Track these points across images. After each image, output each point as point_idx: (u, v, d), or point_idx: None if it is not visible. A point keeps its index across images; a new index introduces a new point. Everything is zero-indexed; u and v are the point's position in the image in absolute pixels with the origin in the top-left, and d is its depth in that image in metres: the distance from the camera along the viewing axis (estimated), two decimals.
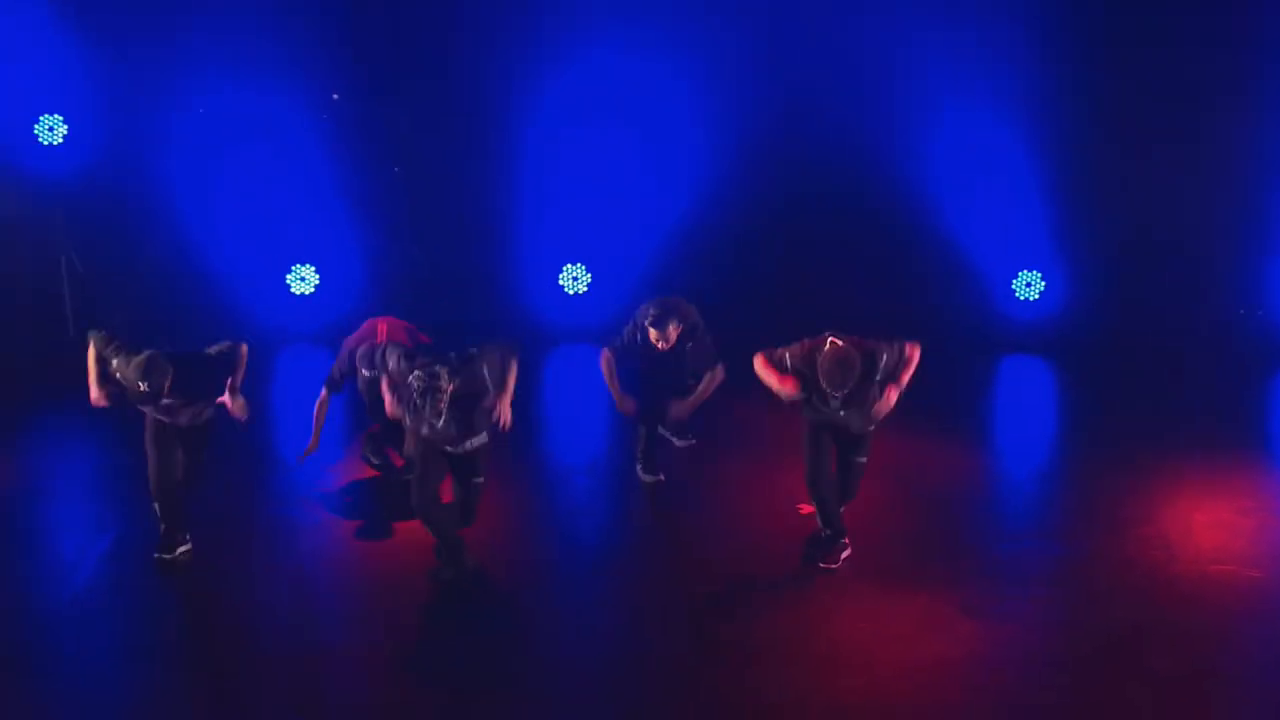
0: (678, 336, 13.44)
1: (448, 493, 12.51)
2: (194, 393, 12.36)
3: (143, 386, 11.81)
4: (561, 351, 18.75)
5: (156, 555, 12.56)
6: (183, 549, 12.66)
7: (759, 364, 12.27)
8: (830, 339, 11.97)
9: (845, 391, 11.75)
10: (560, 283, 19.64)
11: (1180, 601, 12.04)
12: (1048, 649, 11.58)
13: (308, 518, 13.73)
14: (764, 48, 18.44)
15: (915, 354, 12.35)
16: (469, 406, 11.91)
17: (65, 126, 18.89)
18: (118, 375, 12.07)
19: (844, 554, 12.56)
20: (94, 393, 12.28)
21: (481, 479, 12.50)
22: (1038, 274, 19.30)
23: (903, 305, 18.82)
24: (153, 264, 18.98)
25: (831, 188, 18.96)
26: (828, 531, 12.63)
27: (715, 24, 18.49)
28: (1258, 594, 12.18)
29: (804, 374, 11.97)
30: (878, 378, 12.04)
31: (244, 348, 12.75)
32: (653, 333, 13.37)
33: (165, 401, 12.12)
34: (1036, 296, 19.34)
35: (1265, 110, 18.33)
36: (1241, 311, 19.06)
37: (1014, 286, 19.37)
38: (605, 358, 13.72)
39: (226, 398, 12.44)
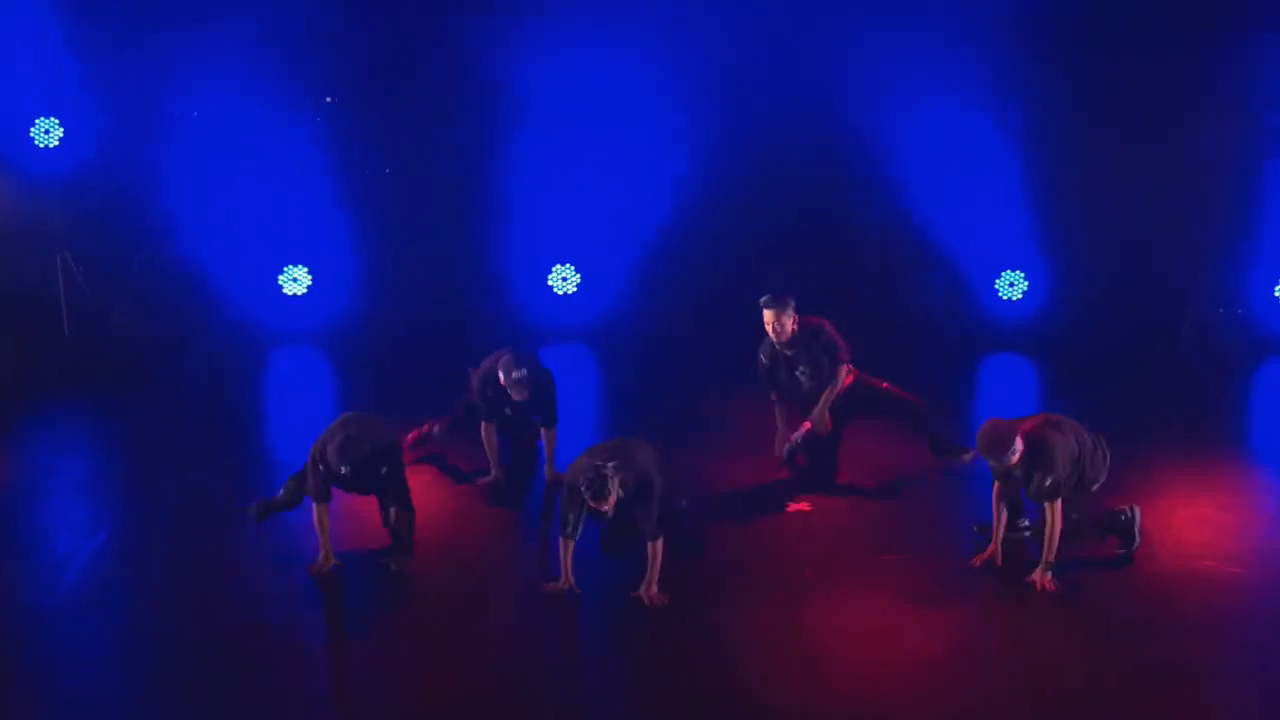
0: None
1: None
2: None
3: (344, 471, 12.05)
4: (550, 351, 18.27)
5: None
6: None
7: None
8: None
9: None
10: (550, 283, 19.66)
11: (1162, 598, 11.99)
12: (1029, 644, 11.58)
13: (301, 518, 13.63)
14: (749, 49, 18.54)
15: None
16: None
17: (61, 129, 19.00)
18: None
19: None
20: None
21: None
22: (1020, 274, 19.31)
23: (888, 305, 18.93)
24: (147, 265, 19.09)
25: (817, 188, 19.04)
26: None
27: (702, 25, 18.57)
28: (1239, 590, 12.14)
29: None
30: None
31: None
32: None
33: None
34: (1019, 296, 19.35)
35: (1246, 110, 18.46)
36: (1221, 310, 19.03)
37: (997, 286, 19.38)
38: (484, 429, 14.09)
39: None
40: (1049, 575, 11.96)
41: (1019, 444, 11.89)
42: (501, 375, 13.49)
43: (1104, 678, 10.88)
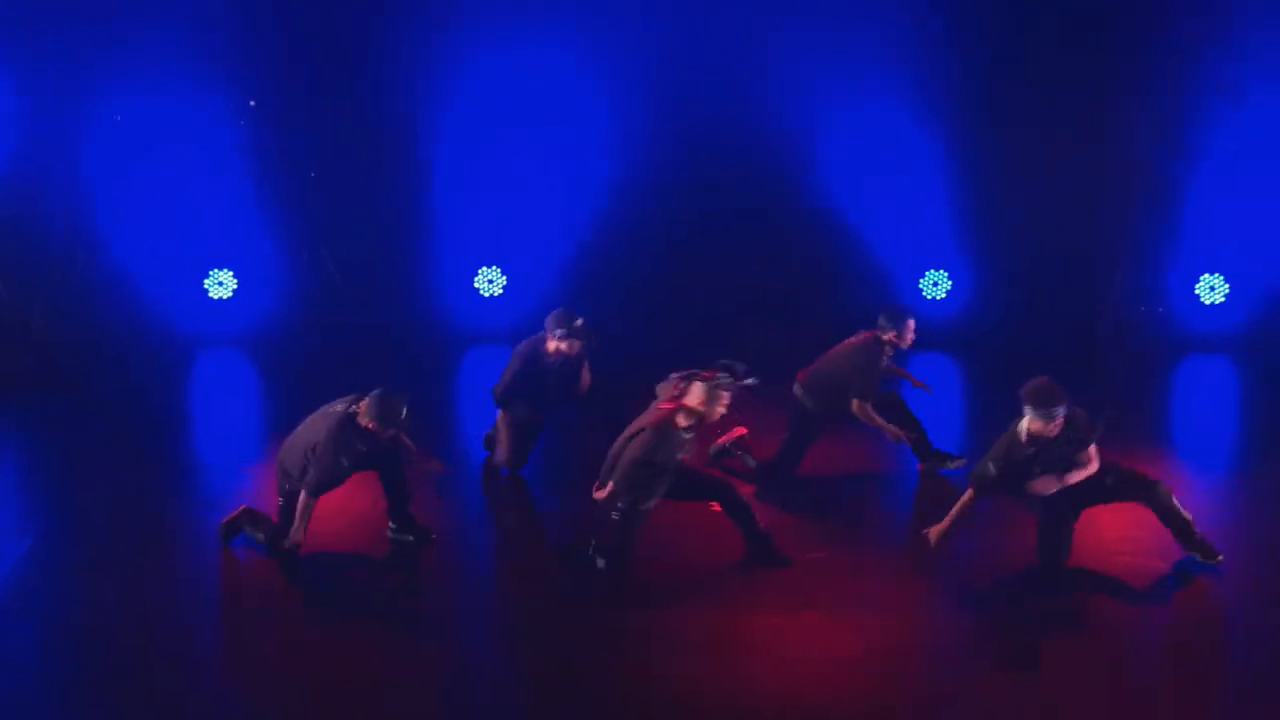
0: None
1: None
2: None
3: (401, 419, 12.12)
4: (476, 353, 18.75)
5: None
6: None
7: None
8: None
9: None
10: (476, 285, 19.70)
11: (1085, 590, 12.05)
12: (954, 639, 11.52)
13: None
14: (675, 52, 18.76)
15: None
16: None
17: None
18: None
19: None
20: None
21: None
22: (944, 273, 19.48)
23: (813, 305, 18.98)
24: (71, 269, 18.94)
25: (741, 189, 19.13)
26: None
27: (628, 28, 18.88)
28: (1159, 583, 12.19)
29: None
30: None
31: None
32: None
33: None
34: (943, 295, 19.52)
35: (1166, 112, 18.77)
36: (1142, 308, 19.21)
37: (921, 286, 19.51)
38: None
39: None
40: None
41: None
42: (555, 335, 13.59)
43: (1028, 670, 10.98)
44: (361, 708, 10.41)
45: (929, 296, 19.54)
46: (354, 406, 12.14)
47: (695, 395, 11.66)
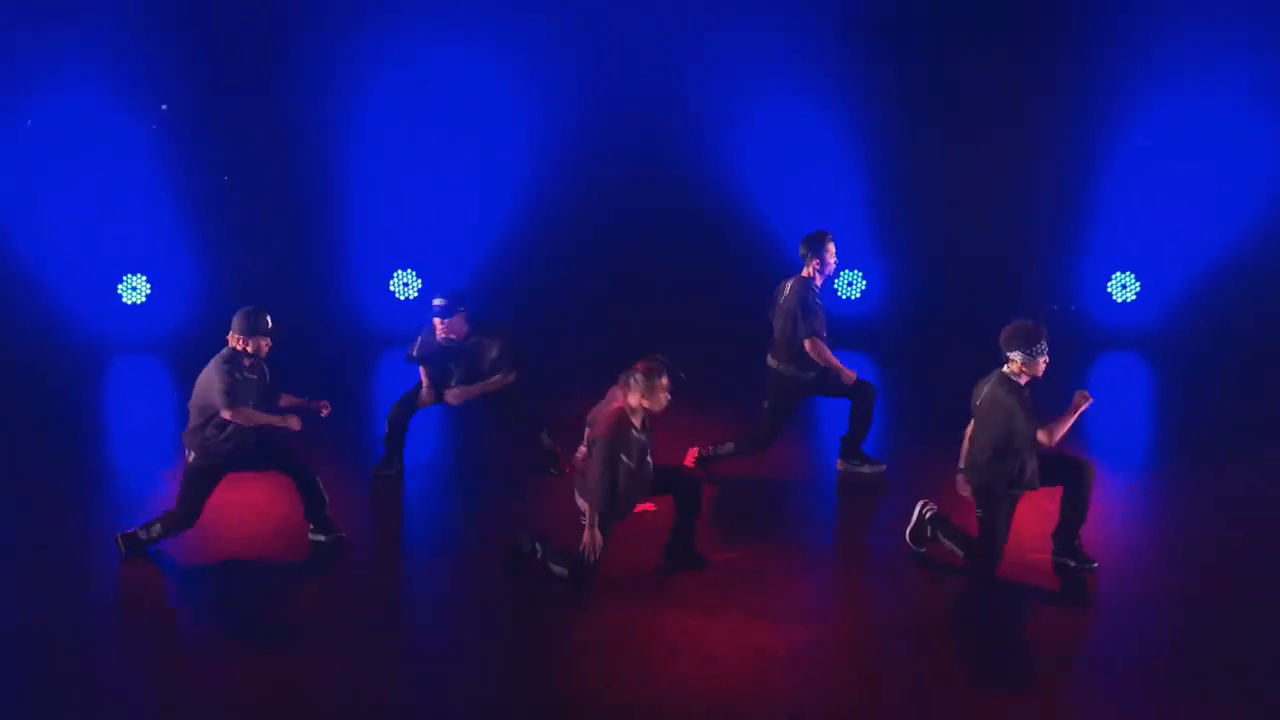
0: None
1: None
2: None
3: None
4: (392, 355, 18.39)
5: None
6: None
7: None
8: None
9: None
10: (391, 288, 19.74)
11: (1001, 587, 12.15)
12: (874, 637, 11.68)
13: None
14: (588, 56, 19.15)
15: None
16: None
17: None
18: None
19: None
20: None
21: None
22: (859, 273, 19.66)
23: (729, 306, 18.96)
24: None
25: (658, 190, 19.24)
26: None
27: (545, 31, 19.15)
28: (1075, 580, 12.32)
29: None
30: None
31: None
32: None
33: None
34: (858, 295, 19.72)
35: (1077, 115, 19.17)
36: (1055, 307, 19.35)
37: (836, 286, 19.60)
38: None
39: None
40: None
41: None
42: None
43: (947, 665, 11.06)
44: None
45: (844, 296, 19.68)
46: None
47: (634, 392, 11.61)
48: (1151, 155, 19.09)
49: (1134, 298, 19.54)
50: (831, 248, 13.91)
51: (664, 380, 11.60)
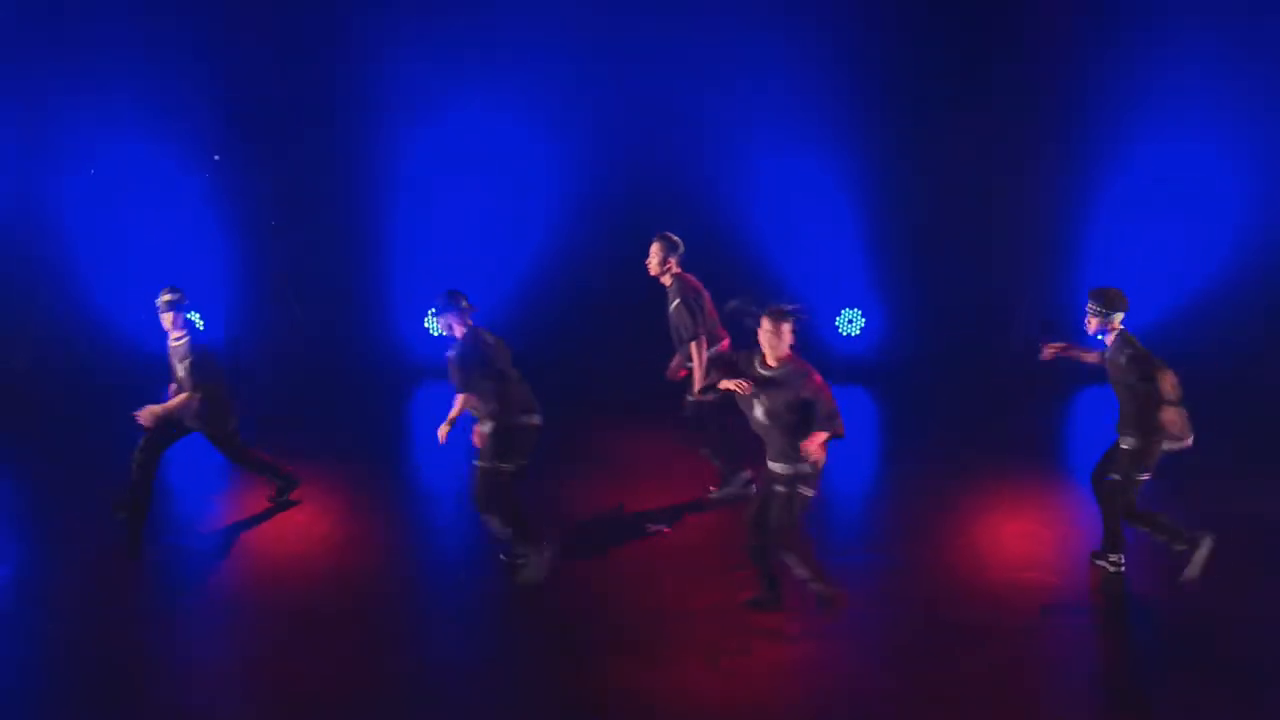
0: None
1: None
2: None
3: None
4: (428, 386, 18.65)
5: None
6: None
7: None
8: None
9: None
10: (426, 324, 19.60)
11: (992, 605, 12.00)
12: (872, 651, 11.51)
13: (198, 546, 13.55)
14: (618, 108, 18.84)
15: None
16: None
17: None
18: None
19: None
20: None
21: None
22: (858, 311, 19.51)
23: (739, 343, 18.74)
24: (49, 307, 18.98)
25: (674, 233, 19.04)
26: None
27: (563, 91, 18.96)
28: (1057, 598, 12.19)
29: None
30: None
31: None
32: None
33: None
34: (858, 331, 19.51)
35: (1057, 162, 18.86)
36: (1039, 341, 19.08)
37: (837, 323, 19.50)
38: None
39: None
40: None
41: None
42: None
43: (934, 677, 10.94)
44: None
45: (845, 333, 19.52)
46: None
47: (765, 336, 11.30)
48: (1125, 205, 18.79)
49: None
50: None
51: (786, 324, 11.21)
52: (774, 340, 11.18)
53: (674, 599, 12.13)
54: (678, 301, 14.07)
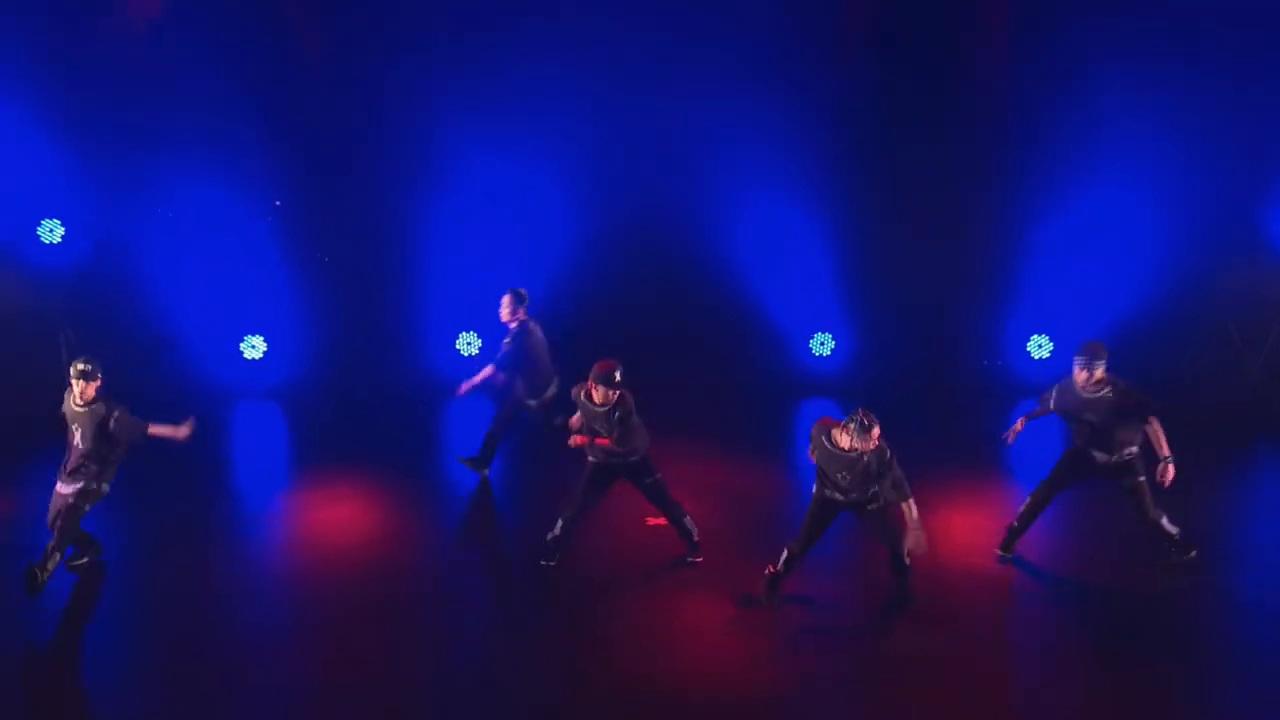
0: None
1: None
2: None
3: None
4: (457, 401, 18.31)
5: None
6: None
7: None
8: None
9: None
10: (457, 346, 19.63)
11: (946, 588, 12.30)
12: (834, 632, 11.75)
13: (266, 537, 13.94)
14: (626, 160, 18.91)
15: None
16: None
17: (63, 229, 18.93)
18: None
19: None
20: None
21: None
22: (829, 335, 19.70)
23: (725, 361, 19.17)
24: (131, 335, 18.72)
25: (671, 267, 19.27)
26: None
27: (579, 147, 18.92)
28: (1002, 582, 12.51)
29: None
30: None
31: None
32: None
33: None
34: (829, 353, 19.71)
35: (1004, 207, 19.03)
36: (985, 362, 19.62)
37: (810, 345, 19.72)
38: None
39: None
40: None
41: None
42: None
43: (897, 660, 11.15)
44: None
45: (817, 354, 19.64)
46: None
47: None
48: (1065, 241, 18.97)
49: (1048, 355, 19.34)
50: (505, 299, 14.86)
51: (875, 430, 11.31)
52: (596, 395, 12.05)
53: (678, 582, 12.41)
54: (509, 340, 14.76)
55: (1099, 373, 12.19)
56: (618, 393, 12.20)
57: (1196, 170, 18.36)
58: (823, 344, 19.68)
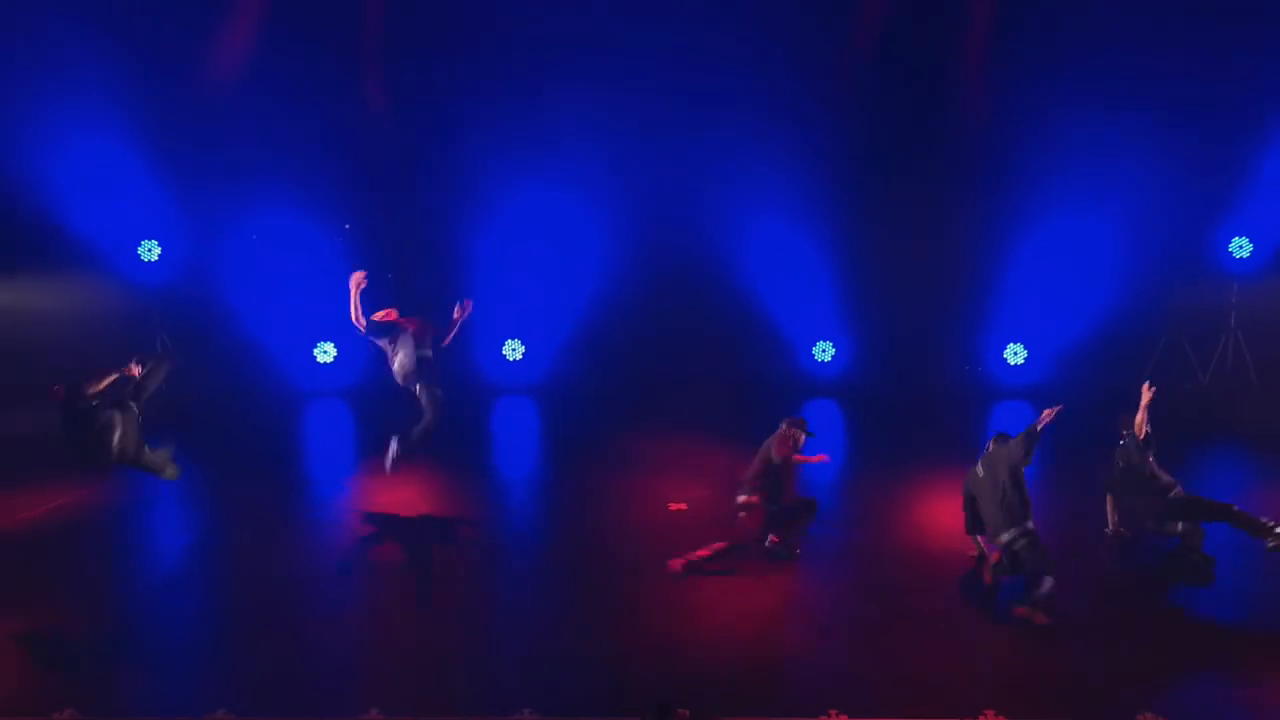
0: None
1: None
2: None
3: None
4: (503, 402, 18.95)
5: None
6: None
7: None
8: None
9: None
10: (503, 352, 19.78)
11: (928, 564, 12.40)
12: (841, 593, 11.91)
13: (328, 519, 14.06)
14: (653, 190, 18.92)
15: None
16: None
17: (159, 248, 19.16)
18: None
19: None
20: None
21: None
22: (830, 343, 19.81)
23: (735, 366, 19.27)
24: (219, 342, 19.10)
25: (690, 281, 19.44)
26: None
27: (610, 179, 19.02)
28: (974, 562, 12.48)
29: None
30: None
31: None
32: None
33: None
34: (829, 359, 19.82)
35: (985, 229, 18.96)
36: (967, 367, 19.71)
37: (814, 351, 19.80)
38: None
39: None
40: None
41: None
42: None
43: (888, 621, 11.23)
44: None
45: (819, 360, 19.68)
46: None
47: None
48: (1040, 257, 18.89)
49: (1023, 362, 19.33)
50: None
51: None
52: None
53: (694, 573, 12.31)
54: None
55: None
56: None
57: (1153, 197, 18.32)
58: (824, 350, 19.68)
